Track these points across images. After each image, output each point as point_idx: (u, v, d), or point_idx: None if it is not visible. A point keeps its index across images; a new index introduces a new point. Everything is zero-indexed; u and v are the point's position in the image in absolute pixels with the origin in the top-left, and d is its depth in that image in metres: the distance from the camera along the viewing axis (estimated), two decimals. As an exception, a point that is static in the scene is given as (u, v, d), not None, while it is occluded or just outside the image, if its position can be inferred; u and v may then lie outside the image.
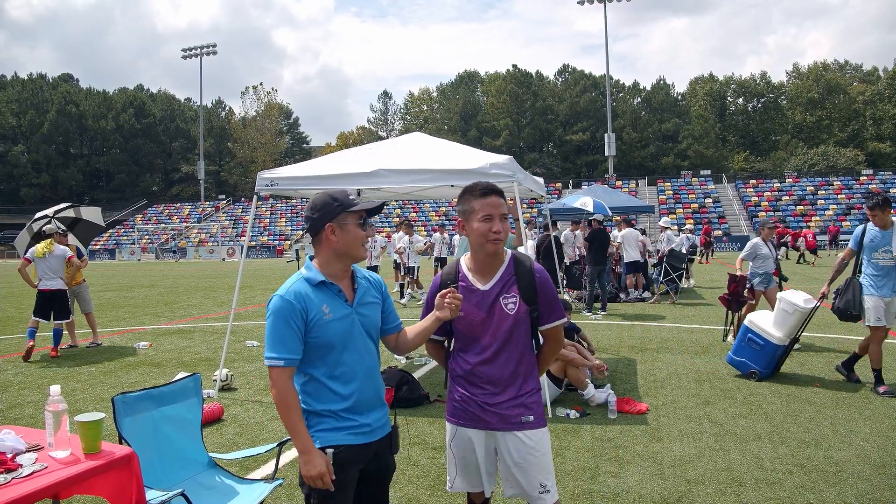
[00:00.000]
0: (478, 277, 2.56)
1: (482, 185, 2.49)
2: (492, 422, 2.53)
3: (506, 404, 2.52)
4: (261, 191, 6.83)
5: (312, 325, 2.24)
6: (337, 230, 2.31)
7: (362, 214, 2.35)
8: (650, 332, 9.93)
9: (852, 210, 44.08)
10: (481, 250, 2.49)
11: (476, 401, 2.54)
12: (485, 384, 2.54)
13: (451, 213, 53.75)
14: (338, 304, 2.30)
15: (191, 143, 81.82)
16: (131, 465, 2.39)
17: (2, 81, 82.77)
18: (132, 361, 8.55)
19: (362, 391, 2.33)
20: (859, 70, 73.84)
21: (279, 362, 2.20)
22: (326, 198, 2.34)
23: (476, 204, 2.45)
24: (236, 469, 4.28)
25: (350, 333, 2.31)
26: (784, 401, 5.90)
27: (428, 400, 6.16)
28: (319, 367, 2.28)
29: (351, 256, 2.36)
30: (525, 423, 2.51)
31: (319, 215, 2.31)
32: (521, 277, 2.53)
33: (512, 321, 2.51)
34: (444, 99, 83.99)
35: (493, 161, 6.15)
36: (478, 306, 2.53)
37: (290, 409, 2.21)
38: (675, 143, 71.33)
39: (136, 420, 2.99)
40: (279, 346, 2.20)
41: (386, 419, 2.45)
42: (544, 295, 2.55)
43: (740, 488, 4.00)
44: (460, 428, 2.61)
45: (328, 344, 2.26)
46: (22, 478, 2.16)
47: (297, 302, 2.23)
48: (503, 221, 2.46)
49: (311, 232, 2.35)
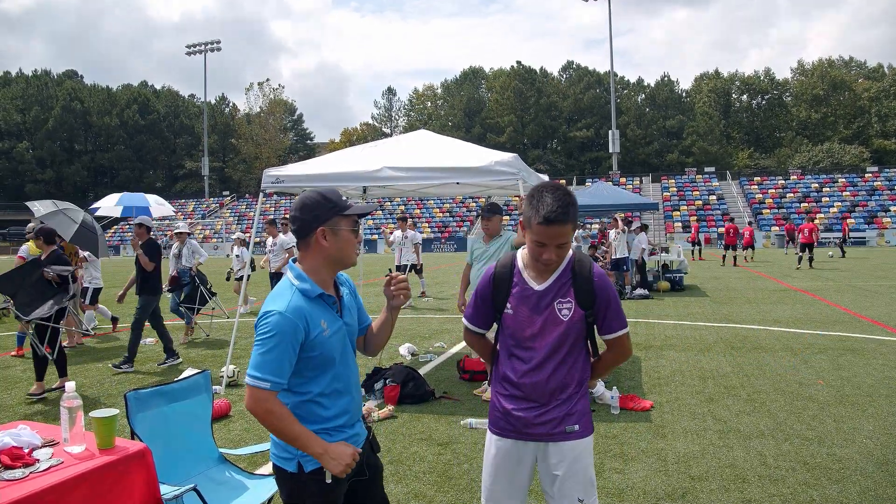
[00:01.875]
0: (533, 275, 2.38)
1: (547, 211, 2.19)
2: (535, 433, 2.37)
3: (550, 414, 2.36)
4: (267, 188, 6.87)
5: (313, 344, 2.08)
6: (329, 235, 2.14)
7: (356, 218, 2.19)
8: (654, 330, 9.95)
9: (857, 207, 43.94)
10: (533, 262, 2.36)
11: (518, 410, 2.38)
12: (531, 394, 2.36)
13: (455, 209, 53.78)
14: (332, 318, 2.16)
15: (195, 140, 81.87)
16: (145, 460, 2.43)
17: (6, 78, 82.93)
18: (139, 358, 8.60)
19: (354, 404, 2.24)
20: (864, 67, 73.51)
21: (266, 385, 2.00)
22: (318, 197, 2.15)
23: (535, 227, 2.25)
24: (245, 464, 4.33)
25: (344, 346, 2.19)
26: (787, 398, 5.93)
27: (433, 396, 6.20)
28: (316, 385, 2.13)
29: (343, 263, 2.21)
30: (570, 432, 2.36)
31: (310, 217, 2.13)
32: (578, 280, 2.35)
33: (564, 328, 2.34)
34: (449, 95, 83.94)
35: (497, 159, 6.18)
36: (530, 307, 2.37)
37: (285, 420, 2.05)
38: (679, 140, 71.17)
39: (147, 416, 3.03)
40: (270, 368, 2.01)
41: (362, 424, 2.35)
42: (605, 301, 2.36)
43: (744, 485, 4.03)
44: (502, 439, 2.42)
45: (328, 361, 2.13)
46: (39, 472, 2.20)
47: (300, 321, 2.04)
48: (559, 249, 2.27)
49: (299, 234, 2.16)
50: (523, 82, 75.80)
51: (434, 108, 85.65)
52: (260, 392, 2.01)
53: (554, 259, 2.28)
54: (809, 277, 18.27)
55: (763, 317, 10.96)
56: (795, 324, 10.09)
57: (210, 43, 67.15)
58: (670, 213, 47.29)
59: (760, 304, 12.59)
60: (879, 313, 10.93)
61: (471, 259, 6.51)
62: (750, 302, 13.04)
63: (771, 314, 11.23)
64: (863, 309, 11.51)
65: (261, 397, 2.02)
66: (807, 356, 7.69)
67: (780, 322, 10.33)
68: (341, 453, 2.08)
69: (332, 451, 2.07)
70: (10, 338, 10.21)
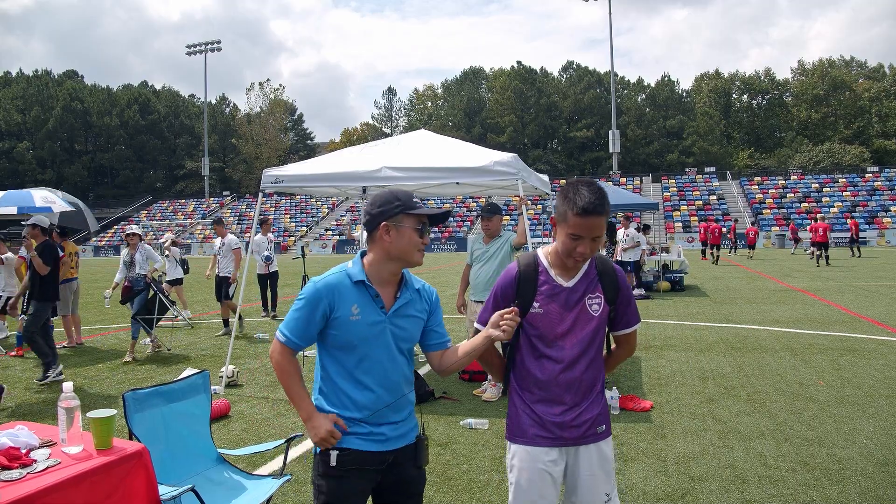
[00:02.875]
0: (560, 272, 2.36)
1: (585, 202, 2.20)
2: (571, 437, 2.33)
3: (585, 415, 2.33)
4: (266, 188, 6.86)
5: (335, 322, 2.18)
6: (392, 230, 2.20)
7: (423, 219, 2.24)
8: (654, 330, 9.94)
9: (857, 207, 43.92)
10: (564, 258, 2.33)
11: (553, 415, 2.32)
12: (564, 394, 2.32)
13: (456, 210, 53.75)
14: (371, 309, 2.21)
15: (195, 140, 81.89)
16: (143, 460, 2.42)
17: (6, 78, 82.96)
18: (138, 358, 8.60)
19: (378, 402, 2.22)
20: (865, 66, 73.50)
21: (283, 338, 2.22)
22: (389, 195, 2.25)
23: (571, 219, 2.22)
24: (244, 465, 4.32)
25: (376, 341, 2.21)
26: (788, 398, 5.92)
27: (433, 396, 6.19)
28: (336, 366, 2.23)
29: (404, 261, 2.26)
30: (601, 433, 2.36)
31: (378, 212, 2.22)
32: (604, 276, 2.38)
33: (596, 323, 2.34)
34: (449, 95, 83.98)
35: (497, 159, 6.17)
36: (561, 305, 2.33)
37: (289, 376, 2.22)
38: (679, 140, 71.13)
39: (146, 416, 3.02)
40: (292, 326, 2.21)
41: (408, 430, 2.31)
42: (627, 296, 2.42)
43: (744, 485, 4.02)
44: (532, 448, 2.33)
45: (348, 345, 2.19)
46: (36, 473, 2.19)
47: (327, 295, 2.18)
48: (594, 243, 2.25)
49: (367, 228, 2.27)
50: (523, 82, 75.81)
51: (434, 108, 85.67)
52: (278, 344, 2.25)
53: (588, 253, 2.26)
54: (810, 277, 18.26)
55: (763, 317, 10.95)
56: (796, 324, 10.08)
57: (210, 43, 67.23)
58: (670, 213, 47.27)
59: (761, 305, 12.58)
60: (880, 313, 10.92)
61: (471, 259, 6.50)
62: (750, 302, 13.04)
63: (771, 314, 11.22)
64: (863, 309, 11.50)
65: (277, 348, 2.25)
66: (807, 356, 7.68)
67: (780, 322, 10.32)
68: (319, 425, 2.16)
69: (314, 419, 2.17)
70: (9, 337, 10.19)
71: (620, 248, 14.65)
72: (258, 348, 9.09)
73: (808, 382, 6.48)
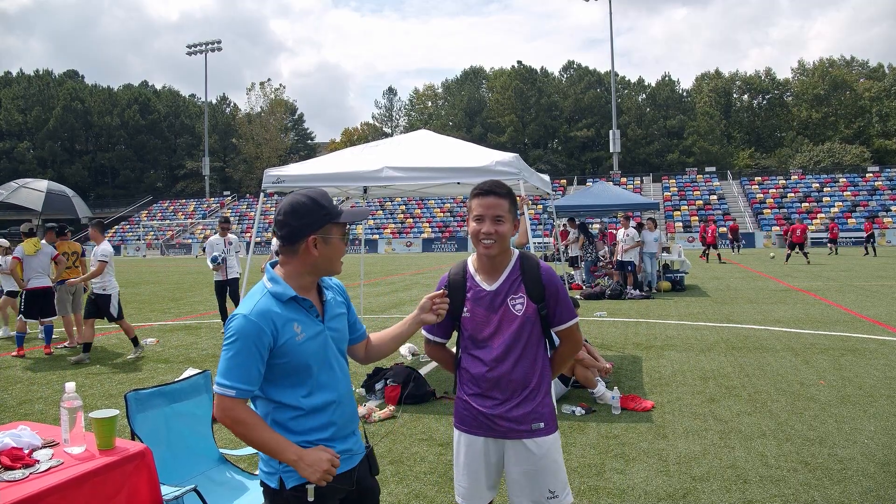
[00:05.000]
0: (484, 278, 2.46)
1: (481, 184, 2.40)
2: (501, 429, 2.42)
3: (515, 411, 2.40)
4: (267, 188, 6.87)
5: (283, 350, 1.96)
6: (320, 243, 2.03)
7: (346, 225, 2.11)
8: (655, 330, 9.94)
9: (858, 207, 43.91)
10: (475, 245, 2.43)
11: (485, 408, 2.43)
12: (493, 390, 2.42)
13: (457, 209, 53.76)
14: (309, 322, 2.04)
15: (195, 140, 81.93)
16: (146, 460, 2.42)
17: (7, 78, 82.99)
18: (139, 357, 8.61)
19: (341, 416, 2.09)
20: (865, 66, 73.47)
21: (231, 392, 1.91)
22: (310, 203, 2.03)
23: (472, 203, 2.39)
24: (246, 465, 4.32)
25: (324, 353, 2.06)
26: (789, 398, 5.92)
27: (434, 396, 6.20)
28: (291, 394, 2.01)
29: (328, 271, 2.12)
30: (536, 430, 2.41)
31: (303, 224, 2.01)
32: (527, 276, 2.43)
33: (519, 322, 2.40)
34: (449, 95, 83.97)
35: (498, 159, 6.17)
36: (485, 308, 2.43)
37: (255, 427, 1.94)
38: (680, 140, 71.12)
39: (148, 416, 3.02)
40: (236, 374, 1.91)
41: (359, 439, 2.20)
42: (553, 294, 2.43)
43: (745, 485, 4.02)
44: (468, 435, 2.49)
45: (303, 368, 2.00)
46: (39, 473, 2.19)
47: (266, 324, 1.93)
48: (496, 223, 2.33)
49: (287, 240, 2.03)
50: (524, 82, 75.80)
51: (435, 108, 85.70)
52: (226, 400, 1.92)
53: (493, 232, 2.33)
54: (810, 277, 18.25)
55: (764, 317, 10.95)
56: (796, 324, 10.08)
57: (211, 43, 67.27)
58: (671, 212, 47.28)
59: (761, 304, 12.58)
60: (880, 313, 10.92)
61: None
62: (751, 302, 13.03)
63: (772, 314, 11.22)
64: (864, 309, 11.50)
65: (227, 406, 1.93)
66: (808, 356, 7.68)
67: (781, 322, 10.32)
68: (317, 459, 1.93)
69: (307, 457, 1.93)
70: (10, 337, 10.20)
71: (622, 249, 14.66)
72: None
73: (809, 382, 6.48)
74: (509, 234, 2.41)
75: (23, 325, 8.99)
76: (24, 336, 9.02)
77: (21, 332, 8.99)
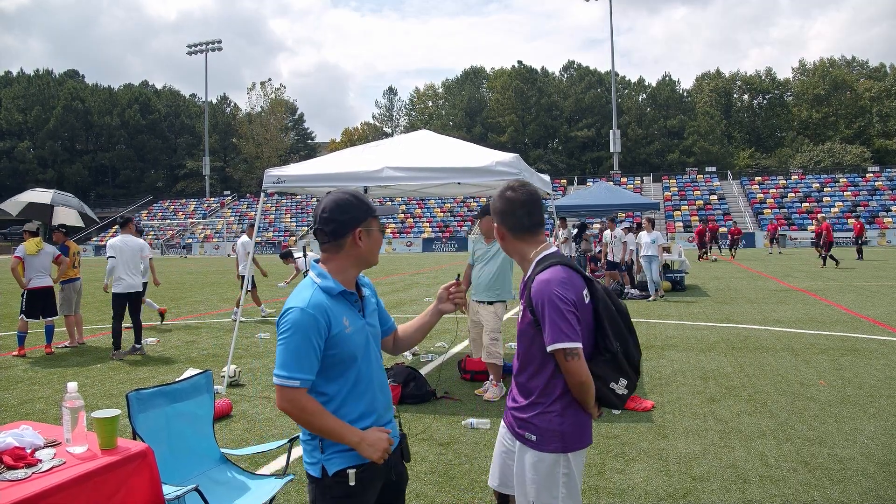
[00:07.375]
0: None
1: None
2: (511, 424, 2.43)
3: (519, 413, 2.37)
4: (268, 188, 6.88)
5: (335, 341, 2.06)
6: (364, 236, 2.15)
7: (380, 219, 2.25)
8: (655, 330, 9.95)
9: (858, 207, 43.90)
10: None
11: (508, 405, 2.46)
12: (513, 390, 2.44)
13: (457, 209, 53.76)
14: (354, 317, 2.15)
15: (196, 139, 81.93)
16: (147, 460, 2.43)
17: (8, 77, 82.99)
18: (140, 357, 8.62)
19: (381, 404, 2.21)
20: (866, 66, 73.47)
21: (295, 383, 1.99)
22: (354, 199, 2.15)
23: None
24: (247, 464, 4.34)
25: (366, 345, 2.17)
26: (789, 398, 5.92)
27: (434, 396, 6.19)
28: (339, 385, 2.11)
29: (369, 263, 2.24)
30: (528, 440, 2.32)
31: (347, 218, 2.12)
32: (528, 284, 2.33)
33: (519, 330, 2.38)
34: (450, 95, 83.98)
35: (498, 159, 6.18)
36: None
37: (321, 416, 2.04)
38: (680, 140, 71.11)
39: (149, 416, 3.03)
40: (297, 364, 2.00)
41: (396, 427, 2.31)
42: (540, 308, 2.22)
43: (745, 485, 4.03)
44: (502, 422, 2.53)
45: (349, 359, 2.10)
46: (41, 472, 2.20)
47: (321, 316, 2.02)
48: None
49: (334, 235, 2.13)
50: (524, 82, 75.79)
51: (435, 108, 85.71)
52: (290, 391, 2.01)
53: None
54: (810, 277, 18.26)
55: (764, 317, 10.95)
56: (797, 324, 10.08)
57: (211, 42, 67.27)
58: (671, 212, 47.27)
59: (761, 304, 12.58)
60: (881, 313, 10.92)
61: (472, 259, 6.51)
62: (751, 302, 13.04)
63: (772, 314, 11.22)
64: (864, 309, 11.50)
65: (292, 396, 2.02)
66: (808, 356, 7.69)
67: (781, 322, 10.33)
68: (378, 439, 2.08)
69: (368, 437, 2.07)
70: (10, 337, 10.20)
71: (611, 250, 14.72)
72: (260, 348, 9.10)
73: (809, 382, 6.49)
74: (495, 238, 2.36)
75: (24, 325, 8.99)
76: (25, 336, 9.02)
77: (22, 332, 8.99)
